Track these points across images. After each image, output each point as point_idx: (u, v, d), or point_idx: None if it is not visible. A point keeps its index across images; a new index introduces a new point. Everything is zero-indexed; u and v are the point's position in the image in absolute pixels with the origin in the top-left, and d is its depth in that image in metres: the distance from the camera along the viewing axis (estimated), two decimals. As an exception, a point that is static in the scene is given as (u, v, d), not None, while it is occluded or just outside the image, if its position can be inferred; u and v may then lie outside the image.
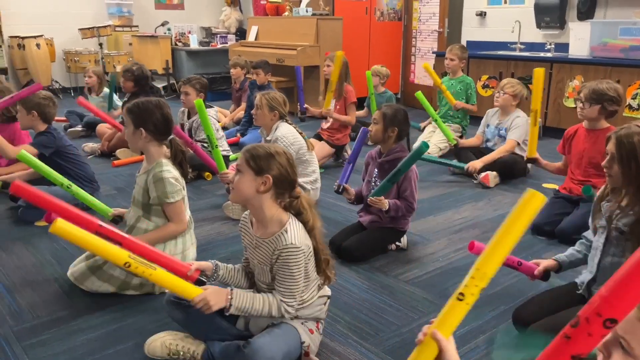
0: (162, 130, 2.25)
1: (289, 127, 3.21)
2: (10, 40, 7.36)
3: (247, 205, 1.76)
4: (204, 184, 3.84)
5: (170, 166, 2.24)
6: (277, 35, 6.72)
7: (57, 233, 1.42)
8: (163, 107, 2.27)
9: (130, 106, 2.25)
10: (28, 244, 2.78)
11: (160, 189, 2.18)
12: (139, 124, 2.20)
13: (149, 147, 2.25)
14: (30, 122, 3.15)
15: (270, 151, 1.69)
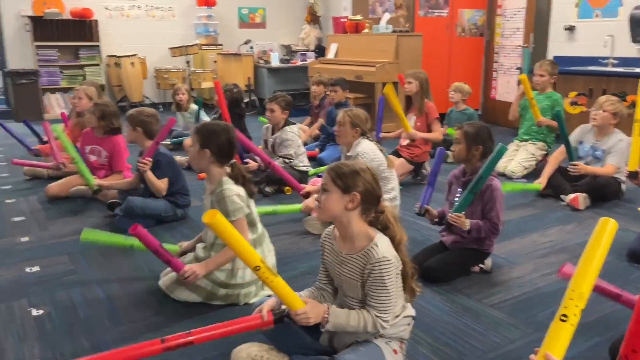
0: (225, 153, 2.34)
1: (370, 144, 3.22)
2: (107, 59, 7.93)
3: (334, 223, 1.79)
4: (284, 198, 3.92)
5: (231, 184, 2.31)
6: (356, 52, 6.79)
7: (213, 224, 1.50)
8: (229, 132, 2.37)
9: (200, 127, 2.37)
10: (123, 250, 2.94)
11: (223, 208, 2.25)
12: (204, 144, 2.30)
13: (211, 168, 2.34)
14: (135, 138, 3.33)
15: (355, 168, 1.71)
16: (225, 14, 8.83)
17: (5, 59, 7.49)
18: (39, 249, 2.97)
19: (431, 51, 6.62)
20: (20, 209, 3.66)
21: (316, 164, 4.65)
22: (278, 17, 9.36)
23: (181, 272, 2.22)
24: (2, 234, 3.20)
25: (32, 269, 2.71)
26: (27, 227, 3.32)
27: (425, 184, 2.79)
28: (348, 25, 7.12)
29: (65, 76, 7.68)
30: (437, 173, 2.79)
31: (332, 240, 1.83)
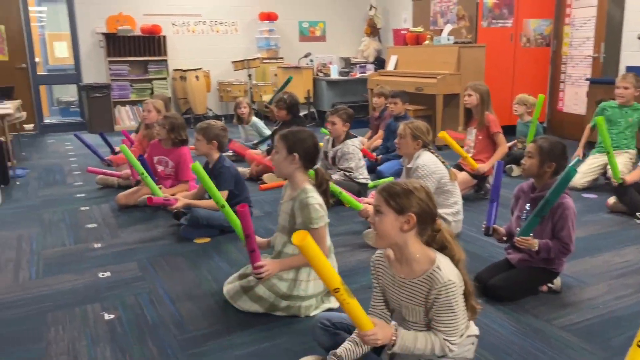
0: (311, 157, 2.37)
1: (431, 156, 3.17)
2: (174, 73, 8.25)
3: (391, 247, 1.74)
4: (343, 210, 3.91)
5: (315, 192, 2.33)
6: (416, 64, 6.74)
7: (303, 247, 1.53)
8: (314, 137, 2.40)
9: (285, 133, 2.39)
10: (188, 259, 3.05)
11: (305, 215, 2.27)
12: (292, 149, 2.32)
13: (297, 173, 2.36)
14: (209, 150, 3.40)
15: (408, 188, 1.65)
16: (286, 27, 9.00)
17: (81, 73, 7.94)
18: (110, 256, 3.11)
19: (494, 62, 6.47)
20: (94, 217, 3.84)
21: (375, 177, 4.63)
22: (338, 30, 9.45)
23: (256, 264, 2.25)
24: (77, 240, 3.38)
25: (104, 275, 2.84)
26: (100, 234, 3.48)
27: (489, 199, 2.70)
28: (409, 37, 7.08)
29: (134, 89, 8.05)
30: (500, 188, 2.71)
31: (386, 262, 1.77)
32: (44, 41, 9.91)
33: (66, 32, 8.25)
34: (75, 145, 6.77)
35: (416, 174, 3.09)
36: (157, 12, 8.07)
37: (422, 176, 3.07)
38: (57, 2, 9.38)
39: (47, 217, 3.83)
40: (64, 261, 3.03)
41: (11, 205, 4.15)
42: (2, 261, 3.05)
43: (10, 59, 7.49)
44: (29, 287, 2.71)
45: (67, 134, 7.68)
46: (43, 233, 3.51)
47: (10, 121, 5.17)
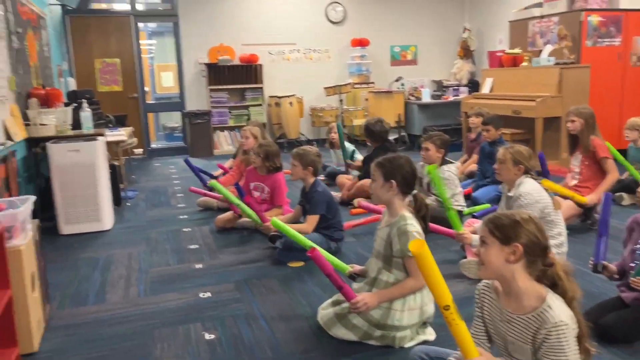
0: (409, 183, 2.36)
1: (534, 183, 3.02)
2: (269, 99, 8.58)
3: (497, 279, 1.68)
4: (438, 237, 3.82)
5: (414, 220, 2.30)
6: (513, 86, 6.51)
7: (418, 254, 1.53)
8: (411, 163, 2.40)
9: (381, 160, 2.40)
10: (282, 282, 3.12)
11: (403, 242, 2.25)
12: (389, 176, 2.33)
13: (395, 199, 2.35)
14: (304, 175, 3.52)
15: (515, 218, 1.59)
16: (378, 52, 9.08)
17: (185, 101, 8.49)
18: (210, 276, 3.26)
19: (600, 83, 6.10)
20: (195, 238, 4.06)
21: (470, 203, 4.49)
22: (429, 53, 9.39)
23: (353, 301, 2.26)
24: (180, 260, 3.58)
25: (205, 295, 2.98)
26: (200, 255, 3.66)
27: (597, 233, 2.53)
28: (505, 59, 6.87)
29: (232, 116, 8.47)
30: (608, 221, 2.52)
31: (493, 294, 1.71)
32: (152, 72, 10.75)
33: (172, 63, 8.88)
34: (178, 168, 7.22)
35: (518, 203, 2.96)
36: (254, 42, 8.48)
37: (525, 205, 2.93)
38: (165, 36, 10.17)
39: (154, 237, 4.10)
40: (169, 280, 3.22)
41: (123, 225, 4.49)
42: (115, 277, 3.29)
43: (124, 89, 8.18)
44: (137, 303, 2.90)
45: (171, 158, 8.20)
46: (150, 252, 3.76)
47: (123, 147, 5.61)
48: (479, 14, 9.09)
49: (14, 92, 4.20)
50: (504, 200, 3.19)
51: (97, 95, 7.25)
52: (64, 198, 4.10)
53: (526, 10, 7.01)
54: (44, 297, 2.67)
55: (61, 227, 4.15)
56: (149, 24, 9.87)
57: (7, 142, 3.75)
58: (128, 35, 8.11)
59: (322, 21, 8.81)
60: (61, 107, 4.71)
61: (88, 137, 4.38)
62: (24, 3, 4.84)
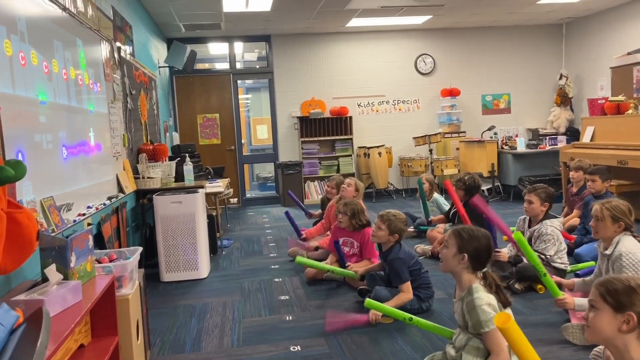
0: (482, 260, 2.27)
1: (634, 241, 2.81)
2: (358, 150, 8.71)
3: (606, 347, 1.58)
4: (536, 297, 3.63)
5: (483, 292, 2.21)
6: (618, 135, 6.13)
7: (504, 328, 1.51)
8: (489, 240, 2.31)
9: (459, 229, 2.33)
10: (372, 338, 3.06)
11: (474, 318, 2.17)
12: (463, 248, 2.25)
13: (463, 272, 2.28)
14: (388, 240, 3.48)
15: (630, 285, 1.50)
16: (469, 102, 8.98)
17: (278, 152, 8.83)
18: (300, 329, 3.29)
19: None
20: (285, 289, 4.13)
21: (573, 260, 4.22)
22: (524, 101, 9.13)
23: None
24: (272, 311, 3.65)
25: (295, 348, 3.00)
26: (291, 306, 3.72)
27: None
28: (607, 106, 6.52)
29: (322, 166, 8.67)
30: None
31: None
32: (249, 125, 11.34)
33: (267, 117, 9.33)
34: (270, 217, 7.45)
35: (619, 264, 2.75)
36: (344, 95, 8.73)
37: (627, 266, 2.72)
38: (261, 91, 10.75)
39: (247, 286, 4.23)
40: (261, 331, 3.29)
41: (218, 273, 4.68)
42: (211, 326, 3.42)
43: (222, 142, 8.68)
44: (231, 354, 2.98)
45: (264, 207, 8.49)
46: (243, 301, 3.87)
47: (220, 197, 5.91)
48: (577, 60, 8.76)
49: (127, 149, 4.61)
50: (600, 259, 2.98)
51: (198, 148, 7.77)
52: (166, 247, 4.37)
53: (630, 56, 6.67)
54: (147, 342, 2.82)
55: (162, 274, 4.40)
56: (246, 81, 10.50)
57: (120, 194, 4.10)
58: (228, 92, 8.67)
59: (411, 72, 8.91)
60: (166, 161, 5.09)
61: (189, 189, 4.68)
62: (138, 67, 5.37)
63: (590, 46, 8.40)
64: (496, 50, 9.02)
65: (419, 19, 7.94)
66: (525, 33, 9.02)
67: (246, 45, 9.11)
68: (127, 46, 5.05)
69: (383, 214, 3.49)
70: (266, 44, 8.72)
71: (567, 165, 5.78)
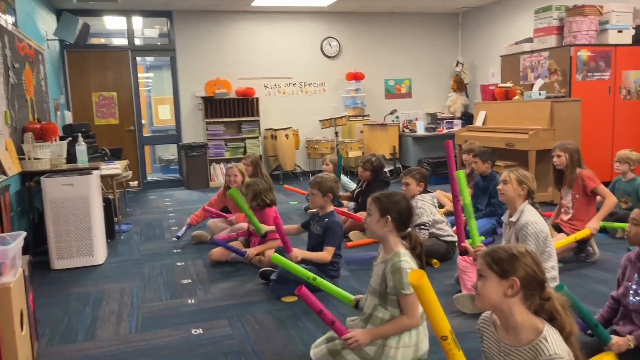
0: (405, 220, 2.34)
1: (536, 212, 3.03)
2: (265, 132, 8.64)
3: (494, 311, 1.69)
4: (431, 271, 3.82)
5: (408, 257, 2.29)
6: (506, 119, 6.59)
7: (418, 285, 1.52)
8: (408, 200, 2.39)
9: (378, 196, 2.39)
10: (276, 318, 3.08)
11: (397, 279, 2.23)
12: (385, 212, 2.32)
13: (389, 236, 2.33)
14: (324, 203, 3.50)
15: (513, 252, 1.61)
16: (373, 86, 9.21)
17: (181, 134, 8.54)
18: (203, 312, 3.22)
19: (591, 116, 6.18)
20: (188, 272, 4.02)
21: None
22: (424, 86, 9.52)
23: (343, 337, 2.24)
24: (173, 296, 3.54)
25: (197, 331, 2.93)
26: (194, 290, 3.63)
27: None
28: (497, 92, 6.97)
29: (228, 148, 8.51)
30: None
31: (491, 327, 1.73)
32: (149, 105, 10.84)
33: (169, 96, 8.97)
34: (173, 201, 7.21)
35: (524, 232, 2.94)
36: (251, 76, 8.60)
37: (530, 234, 2.91)
38: (163, 69, 10.30)
39: (147, 272, 4.07)
40: (161, 316, 3.18)
41: (116, 259, 4.45)
42: (106, 313, 3.25)
43: (120, 122, 8.23)
44: (128, 340, 2.86)
45: (167, 190, 8.20)
46: (143, 287, 3.72)
47: (118, 180, 5.62)
48: (472, 48, 9.27)
49: (9, 127, 4.23)
50: (505, 227, 3.18)
51: (93, 128, 7.30)
52: (57, 232, 4.08)
53: (517, 45, 7.15)
54: (33, 334, 2.63)
55: (53, 261, 4.11)
56: (146, 58, 10.00)
57: (1, 176, 3.75)
58: (126, 69, 8.21)
59: (317, 55, 8.96)
60: (56, 142, 4.74)
61: (83, 170, 4.39)
62: (22, 39, 4.92)
63: (483, 35, 8.92)
64: (398, 36, 9.30)
65: (324, 1, 7.97)
66: (425, 20, 9.38)
67: (146, 20, 8.67)
68: (9, 15, 4.60)
69: (311, 180, 3.57)
70: (167, 20, 8.35)
71: (461, 147, 6.12)
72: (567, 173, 4.06)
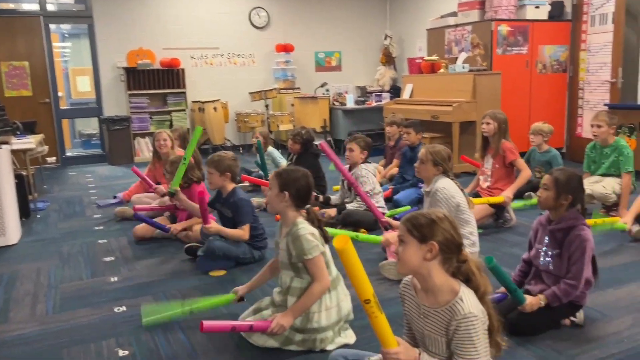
0: (303, 197, 2.37)
1: (450, 181, 3.16)
2: (192, 104, 8.39)
3: (414, 275, 1.74)
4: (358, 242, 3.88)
5: (306, 224, 2.33)
6: (432, 92, 6.75)
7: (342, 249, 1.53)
8: (308, 178, 2.41)
9: (279, 171, 2.43)
10: (204, 293, 3.03)
11: (298, 247, 2.27)
12: (283, 188, 2.34)
13: (288, 211, 2.37)
14: (222, 182, 3.41)
15: (431, 217, 1.66)
16: (303, 58, 9.13)
17: (102, 107, 8.12)
18: (126, 290, 3.12)
19: (511, 89, 6.46)
20: (111, 249, 3.87)
21: (392, 206, 4.60)
22: (353, 59, 9.55)
23: (269, 331, 2.25)
24: (94, 274, 3.40)
25: (120, 309, 2.84)
26: (117, 267, 3.50)
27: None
28: (424, 65, 7.11)
29: (153, 121, 8.19)
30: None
31: (412, 291, 1.78)
32: (67, 76, 10.21)
33: (88, 67, 8.48)
34: (95, 177, 6.89)
35: (435, 198, 3.07)
36: (176, 46, 8.27)
37: (441, 200, 3.04)
38: (81, 38, 9.70)
39: (66, 250, 3.88)
40: (81, 295, 3.05)
41: (31, 238, 4.21)
42: (20, 294, 3.07)
43: (34, 94, 7.70)
44: (45, 321, 2.72)
45: (88, 166, 7.82)
46: (62, 266, 3.54)
47: (32, 155, 5.28)
48: (400, 21, 9.37)
49: None
50: (425, 199, 3.29)
51: (3, 100, 6.81)
52: (-37, 211, 3.79)
53: (442, 19, 7.30)
54: (-64, 320, 2.44)
55: (-40, 243, 3.84)
56: (62, 26, 9.37)
57: None
58: (38, 36, 7.65)
59: (245, 26, 8.75)
60: (-41, 113, 4.37)
61: (-10, 145, 4.08)
62: None
63: (411, 8, 9.03)
64: (328, 8, 9.24)
65: (252, -31, 7.76)
66: (354, -7, 9.37)
67: (60, -16, 8.09)
68: None
69: (208, 159, 3.46)
70: (83, -15, 7.83)
71: (386, 120, 6.22)
72: (493, 141, 4.23)
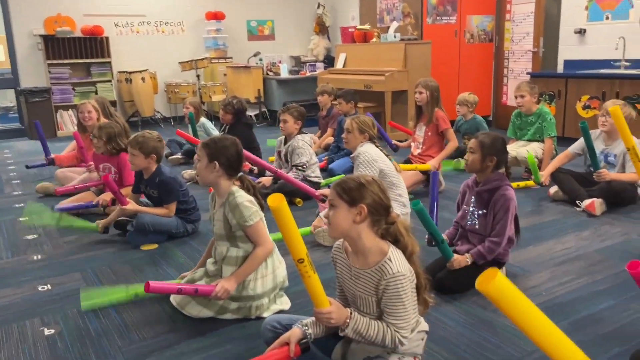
0: (234, 166, 2.33)
1: (374, 147, 3.23)
2: (118, 75, 8.01)
3: (345, 239, 1.76)
4: (294, 210, 3.90)
5: (242, 192, 2.31)
6: (365, 61, 6.79)
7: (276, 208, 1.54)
8: (237, 145, 2.37)
9: (207, 141, 2.35)
10: (134, 267, 2.95)
11: (238, 215, 2.24)
12: (213, 158, 2.28)
13: (220, 181, 2.32)
14: (147, 165, 3.26)
15: (360, 181, 1.69)
16: (234, 27, 8.90)
17: (19, 77, 7.59)
18: (51, 267, 2.98)
19: (440, 58, 6.60)
20: (33, 227, 3.68)
21: (327, 175, 4.63)
22: (287, 28, 9.41)
23: (213, 295, 2.22)
24: (15, 253, 3.22)
25: (44, 288, 2.71)
26: (40, 245, 3.33)
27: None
28: (356, 34, 7.12)
29: (77, 93, 7.76)
30: (437, 200, 2.81)
31: (343, 254, 1.81)
32: (-23, 44, 9.44)
33: (1, 35, 7.87)
34: (13, 152, 6.49)
35: (358, 161, 3.15)
36: (97, 12, 7.82)
37: (363, 162, 3.12)
38: (-9, 3, 8.94)
39: (-17, 230, 3.65)
40: (1, 275, 2.88)
41: (-57, 218, 3.93)
42: None
43: (-60, 63, 7.09)
44: (-39, 304, 2.56)
45: (5, 141, 7.34)
46: (-22, 247, 3.33)
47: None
48: (332, -10, 9.29)
49: None
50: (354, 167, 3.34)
51: None
52: None
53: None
54: None
55: None
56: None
57: None
58: (-59, 0, 7.00)
59: (173, -8, 8.39)
60: None
61: None
62: None
63: (343, -22, 8.96)
64: (259, -25, 9.01)
65: None
66: (286, -41, 9.17)
67: (-37, -58, 7.39)
68: None
69: (131, 139, 3.26)
70: (-9, -56, 7.21)
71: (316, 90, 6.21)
72: (426, 109, 4.32)
